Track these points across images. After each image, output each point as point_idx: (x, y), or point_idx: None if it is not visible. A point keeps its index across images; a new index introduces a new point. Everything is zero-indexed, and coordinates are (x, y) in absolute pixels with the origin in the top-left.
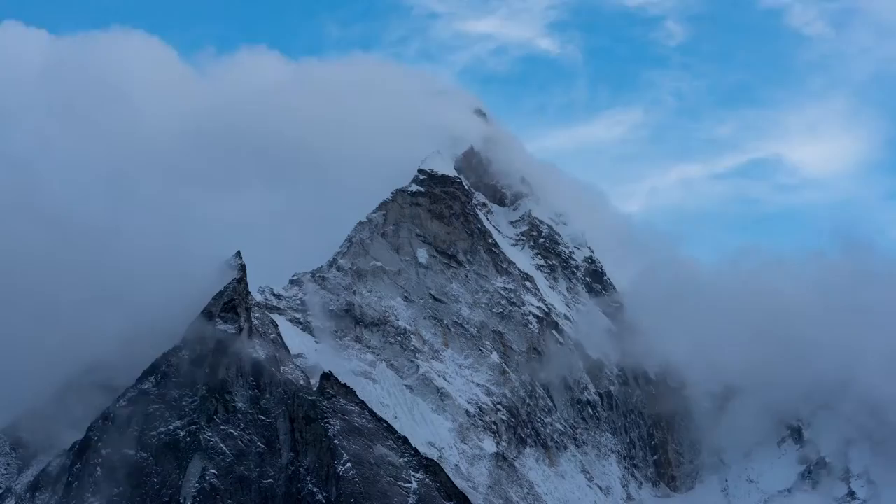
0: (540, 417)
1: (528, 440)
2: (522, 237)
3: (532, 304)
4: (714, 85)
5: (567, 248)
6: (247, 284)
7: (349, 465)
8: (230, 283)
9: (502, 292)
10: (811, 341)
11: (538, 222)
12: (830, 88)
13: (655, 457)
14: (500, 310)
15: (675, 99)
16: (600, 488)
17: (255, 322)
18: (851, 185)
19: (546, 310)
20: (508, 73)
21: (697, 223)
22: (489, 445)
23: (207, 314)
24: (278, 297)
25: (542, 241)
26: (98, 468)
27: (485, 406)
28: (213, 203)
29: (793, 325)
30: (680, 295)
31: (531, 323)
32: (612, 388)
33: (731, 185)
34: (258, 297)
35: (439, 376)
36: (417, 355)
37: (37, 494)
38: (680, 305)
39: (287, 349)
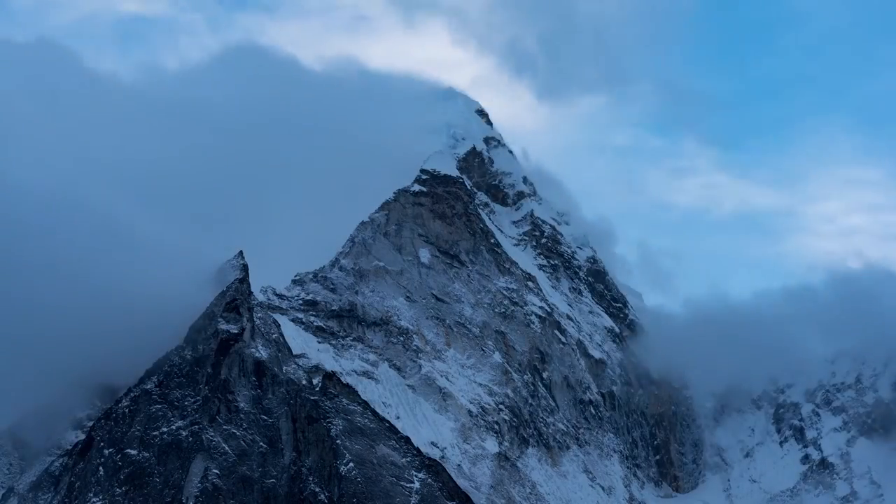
0: (542, 417)
1: (531, 440)
2: (525, 237)
3: (534, 304)
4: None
5: (569, 248)
6: (249, 284)
7: (351, 465)
8: (232, 283)
9: (505, 292)
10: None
11: (540, 222)
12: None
13: (658, 457)
14: (503, 310)
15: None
16: (603, 488)
17: (257, 322)
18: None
19: (548, 310)
20: (121, 36)
21: None
22: (491, 445)
23: (210, 314)
24: (281, 297)
25: (544, 241)
26: (100, 468)
27: (487, 406)
28: (216, 202)
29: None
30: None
31: (533, 323)
32: (614, 387)
33: None
34: (260, 297)
35: (441, 376)
36: (420, 355)
37: (39, 494)
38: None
39: (289, 349)
